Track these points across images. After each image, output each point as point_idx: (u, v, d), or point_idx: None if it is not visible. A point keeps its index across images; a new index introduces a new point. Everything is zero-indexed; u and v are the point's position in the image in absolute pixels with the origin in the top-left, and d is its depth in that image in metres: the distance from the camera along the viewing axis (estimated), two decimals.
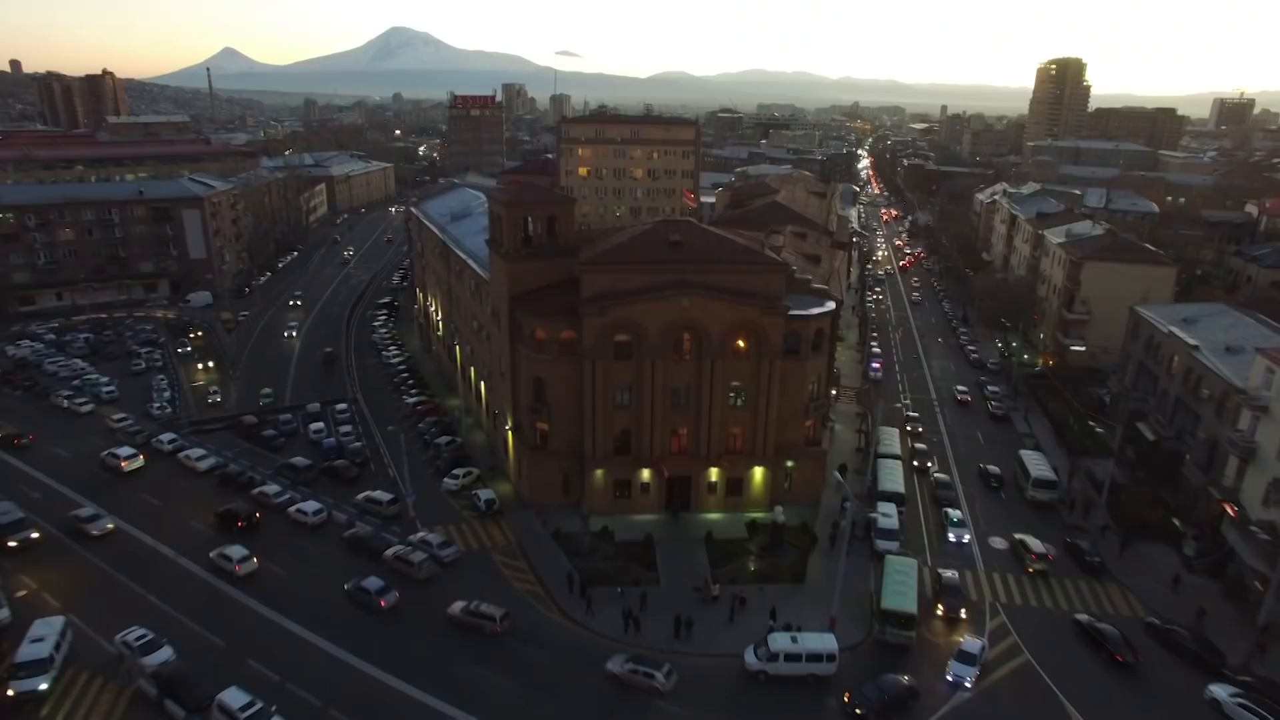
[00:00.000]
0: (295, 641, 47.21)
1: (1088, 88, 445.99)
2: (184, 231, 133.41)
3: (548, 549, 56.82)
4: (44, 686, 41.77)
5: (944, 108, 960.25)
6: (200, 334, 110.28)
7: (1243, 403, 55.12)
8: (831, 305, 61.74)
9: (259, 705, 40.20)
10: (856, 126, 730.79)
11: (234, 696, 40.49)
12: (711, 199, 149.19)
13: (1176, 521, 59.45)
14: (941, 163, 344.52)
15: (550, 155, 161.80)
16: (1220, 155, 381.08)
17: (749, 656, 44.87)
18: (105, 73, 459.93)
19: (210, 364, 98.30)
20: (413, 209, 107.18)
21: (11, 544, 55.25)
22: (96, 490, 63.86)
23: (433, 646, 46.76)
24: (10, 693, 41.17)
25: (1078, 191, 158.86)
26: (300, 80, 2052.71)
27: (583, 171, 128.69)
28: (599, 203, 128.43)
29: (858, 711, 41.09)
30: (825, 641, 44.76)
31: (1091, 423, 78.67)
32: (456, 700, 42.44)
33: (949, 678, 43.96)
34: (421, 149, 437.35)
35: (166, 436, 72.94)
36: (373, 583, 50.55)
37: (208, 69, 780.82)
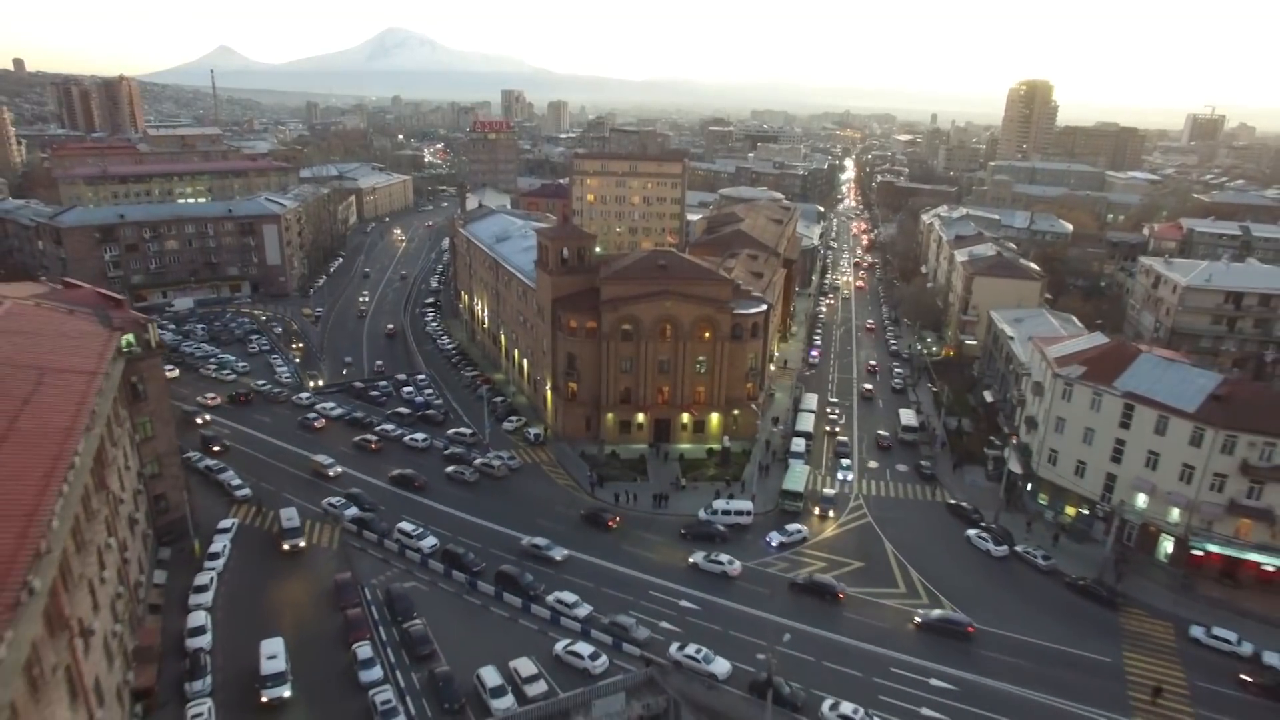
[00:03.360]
0: (426, 508, 77.76)
1: (1055, 107, 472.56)
2: (263, 242, 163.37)
3: (577, 463, 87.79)
4: (287, 694, 50.88)
5: (934, 116, 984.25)
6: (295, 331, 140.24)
7: (1021, 371, 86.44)
8: (765, 307, 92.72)
9: (421, 529, 71.00)
10: (846, 135, 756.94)
11: (406, 525, 71.25)
12: (695, 217, 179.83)
13: (987, 451, 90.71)
14: (916, 177, 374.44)
15: (563, 181, 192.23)
16: (1177, 172, 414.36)
17: (701, 513, 75.92)
18: (122, 77, 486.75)
19: (303, 347, 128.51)
20: (460, 229, 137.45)
21: (285, 547, 68.18)
22: (316, 443, 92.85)
23: (516, 509, 77.57)
24: (264, 699, 50.35)
25: (996, 216, 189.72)
26: (297, 79, 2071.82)
27: (590, 198, 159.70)
28: (604, 223, 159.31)
29: (682, 532, 73.11)
30: (745, 505, 76.04)
31: (934, 389, 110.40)
32: (530, 532, 73.21)
33: (765, 539, 73.61)
34: (427, 154, 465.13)
35: (303, 395, 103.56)
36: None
37: (211, 70, 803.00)
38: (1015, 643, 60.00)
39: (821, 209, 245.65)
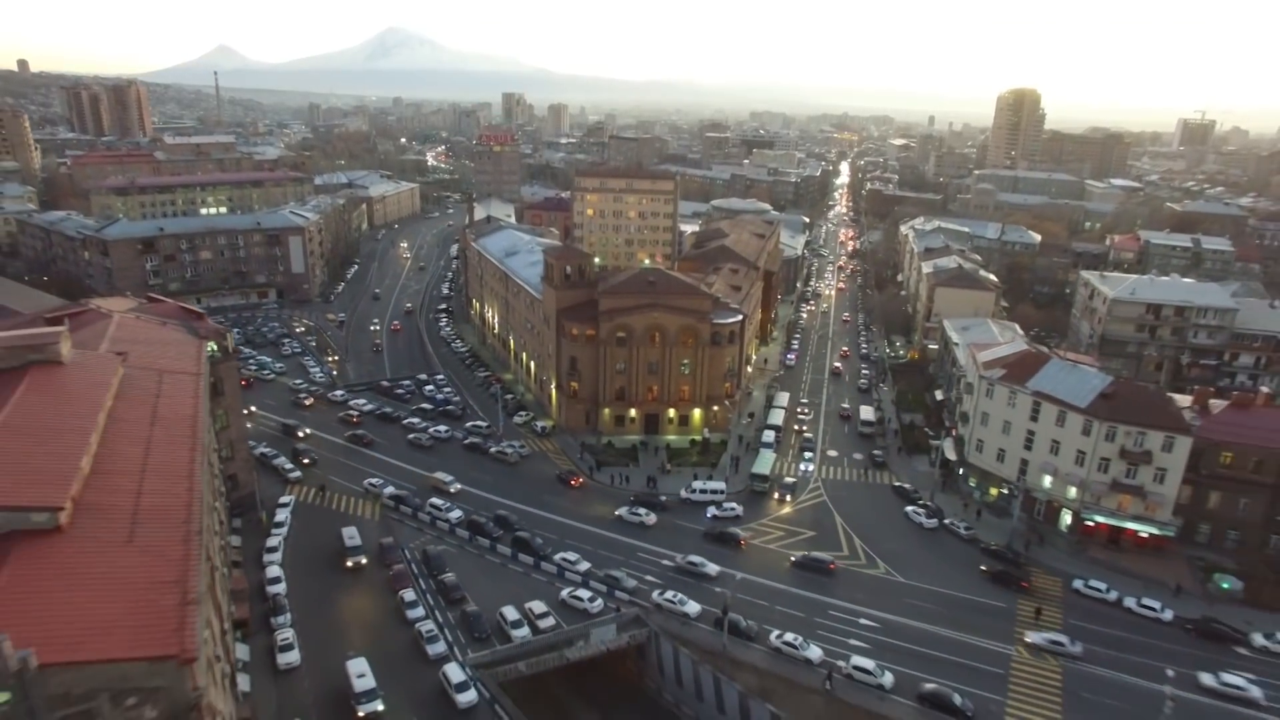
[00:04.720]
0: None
1: (1042, 115, 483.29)
2: (289, 252, 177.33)
3: (578, 451, 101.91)
4: (381, 707, 55.20)
5: (931, 118, 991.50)
6: (319, 334, 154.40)
7: (959, 373, 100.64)
8: (740, 317, 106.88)
9: (450, 504, 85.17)
10: (843, 138, 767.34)
11: (437, 500, 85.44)
12: (689, 228, 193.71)
13: (930, 442, 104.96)
14: (907, 183, 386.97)
15: (565, 195, 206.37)
16: (1162, 178, 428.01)
17: (683, 492, 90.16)
18: (131, 82, 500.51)
19: (338, 360, 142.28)
20: (472, 243, 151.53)
21: (349, 564, 74.07)
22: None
23: (533, 488, 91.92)
24: (361, 714, 54.59)
25: (966, 229, 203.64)
26: (297, 79, 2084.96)
27: (590, 212, 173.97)
28: (603, 235, 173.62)
29: (632, 499, 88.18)
30: (719, 485, 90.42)
31: (885, 387, 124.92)
32: (538, 506, 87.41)
33: (706, 512, 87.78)
34: (430, 158, 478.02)
35: (338, 392, 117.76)
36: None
37: (215, 73, 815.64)
38: (932, 593, 74.20)
39: (807, 219, 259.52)
